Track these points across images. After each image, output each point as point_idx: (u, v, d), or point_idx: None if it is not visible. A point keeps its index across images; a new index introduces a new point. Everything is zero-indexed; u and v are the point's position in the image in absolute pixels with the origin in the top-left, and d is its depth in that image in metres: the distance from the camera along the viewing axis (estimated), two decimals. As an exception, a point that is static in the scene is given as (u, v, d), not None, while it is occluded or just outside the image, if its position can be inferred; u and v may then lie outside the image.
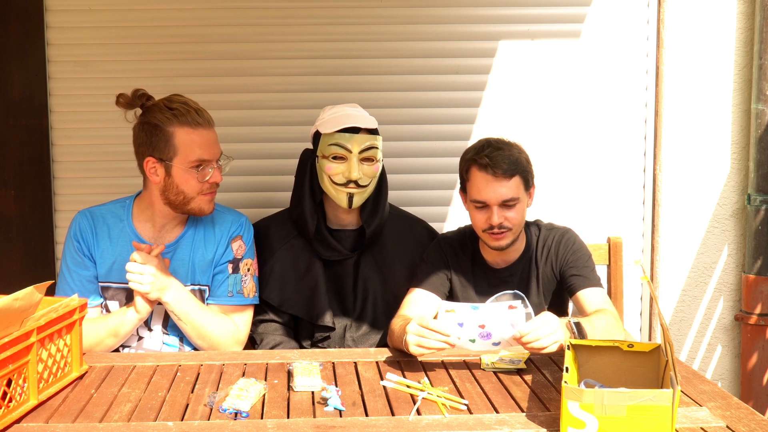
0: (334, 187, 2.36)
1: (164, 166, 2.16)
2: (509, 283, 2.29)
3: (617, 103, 3.06)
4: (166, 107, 2.17)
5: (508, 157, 2.16)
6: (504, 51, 3.02)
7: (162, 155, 2.16)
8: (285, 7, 2.94)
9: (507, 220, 2.16)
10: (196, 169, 2.17)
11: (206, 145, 2.17)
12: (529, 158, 2.23)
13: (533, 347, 1.85)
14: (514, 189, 2.16)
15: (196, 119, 2.16)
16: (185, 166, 2.16)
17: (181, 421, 1.61)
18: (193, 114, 2.16)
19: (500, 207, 2.16)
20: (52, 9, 2.89)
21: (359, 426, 1.58)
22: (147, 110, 2.21)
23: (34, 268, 2.92)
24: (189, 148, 2.15)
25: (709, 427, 1.57)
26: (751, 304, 3.05)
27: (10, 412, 1.57)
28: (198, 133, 2.16)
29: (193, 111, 2.17)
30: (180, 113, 2.15)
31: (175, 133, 2.14)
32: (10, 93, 2.89)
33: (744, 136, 3.09)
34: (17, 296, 1.56)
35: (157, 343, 2.27)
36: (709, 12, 3.04)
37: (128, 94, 2.21)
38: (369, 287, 2.45)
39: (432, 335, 1.88)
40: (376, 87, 2.99)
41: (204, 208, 2.23)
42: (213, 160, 2.19)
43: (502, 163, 2.14)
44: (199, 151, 2.16)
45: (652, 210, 3.06)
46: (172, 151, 2.15)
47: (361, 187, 2.35)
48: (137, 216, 2.28)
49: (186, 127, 2.15)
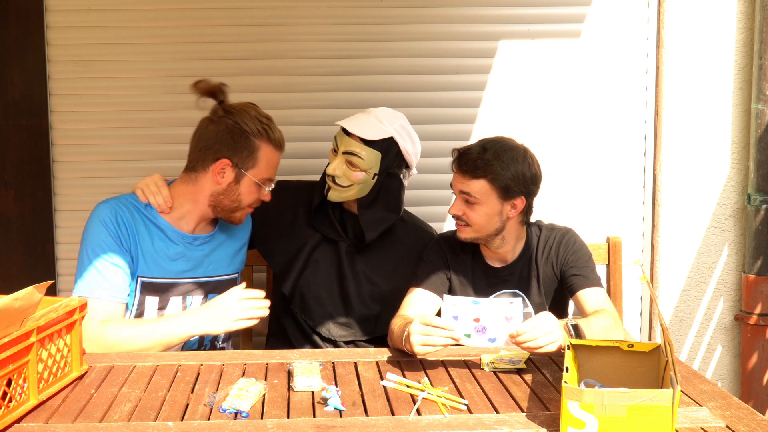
0: (326, 175, 2.44)
1: (236, 173, 2.22)
2: (508, 282, 2.30)
3: (617, 103, 3.06)
4: (257, 119, 2.23)
5: (480, 161, 2.18)
6: (504, 51, 3.02)
7: (240, 162, 2.21)
8: (285, 7, 2.94)
9: (465, 214, 2.22)
10: (262, 185, 2.26)
11: (276, 167, 2.30)
12: (523, 171, 2.20)
13: (529, 347, 1.85)
14: (474, 189, 2.20)
15: (280, 142, 2.27)
16: (257, 179, 2.24)
17: (181, 421, 1.61)
18: (279, 136, 2.27)
19: (461, 200, 2.23)
20: (52, 9, 2.89)
21: (359, 426, 1.58)
22: (235, 113, 2.23)
23: (34, 268, 2.92)
24: (267, 166, 2.25)
25: (709, 427, 1.57)
26: (751, 304, 3.05)
27: (10, 412, 1.57)
28: (277, 155, 2.28)
29: (279, 132, 2.26)
30: (270, 130, 2.24)
31: (262, 148, 2.23)
32: (10, 93, 2.89)
33: (744, 136, 3.09)
34: (17, 296, 1.56)
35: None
36: (709, 12, 3.04)
37: (210, 82, 2.25)
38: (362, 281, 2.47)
39: (437, 332, 1.87)
40: (376, 87, 2.99)
41: (242, 218, 2.32)
42: (274, 180, 2.31)
43: (465, 164, 2.21)
44: (272, 171, 2.28)
45: (652, 210, 3.06)
46: (252, 162, 2.22)
47: (338, 185, 2.40)
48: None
49: (272, 146, 2.25)
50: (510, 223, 2.25)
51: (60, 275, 2.96)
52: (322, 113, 2.98)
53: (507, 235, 2.26)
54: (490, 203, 2.20)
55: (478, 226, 2.22)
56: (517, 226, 2.28)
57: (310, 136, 2.98)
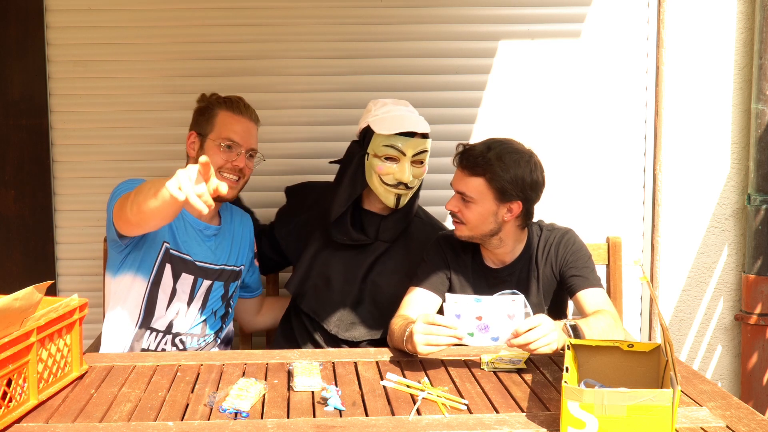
0: (383, 187, 2.40)
1: (200, 141, 2.34)
2: (508, 282, 2.30)
3: (617, 103, 3.06)
4: (223, 97, 2.39)
5: (482, 160, 2.18)
6: (504, 51, 3.02)
7: (201, 130, 2.35)
8: (285, 7, 2.94)
9: (460, 212, 2.23)
10: (223, 147, 2.31)
11: (240, 131, 2.34)
12: (523, 176, 2.19)
13: (528, 349, 1.85)
14: (471, 188, 2.20)
15: (241, 108, 2.36)
16: (215, 141, 2.31)
17: (181, 421, 1.62)
18: (240, 104, 2.37)
19: (458, 197, 2.24)
20: (52, 9, 2.89)
21: (359, 426, 1.58)
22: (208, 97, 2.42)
23: (34, 268, 2.92)
24: (223, 127, 2.33)
25: (709, 427, 1.57)
26: (751, 304, 3.05)
27: (10, 412, 1.57)
28: (237, 119, 2.34)
29: (243, 104, 2.38)
30: (229, 100, 2.37)
31: (218, 114, 2.34)
32: (10, 93, 2.89)
33: (744, 136, 3.09)
34: (17, 296, 1.56)
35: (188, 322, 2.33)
36: (709, 12, 3.03)
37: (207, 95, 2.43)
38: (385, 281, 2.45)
39: (441, 331, 1.87)
40: (376, 87, 2.99)
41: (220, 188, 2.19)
42: (243, 146, 2.33)
43: (465, 160, 2.22)
44: (232, 132, 2.32)
45: (652, 210, 3.06)
46: (210, 127, 2.33)
47: (409, 189, 2.41)
48: None
49: (229, 110, 2.35)
50: (507, 226, 2.24)
51: (60, 275, 2.96)
52: (322, 113, 2.98)
53: (504, 237, 2.26)
54: (486, 203, 2.20)
55: (472, 224, 2.23)
56: (515, 230, 2.27)
57: (310, 137, 2.98)
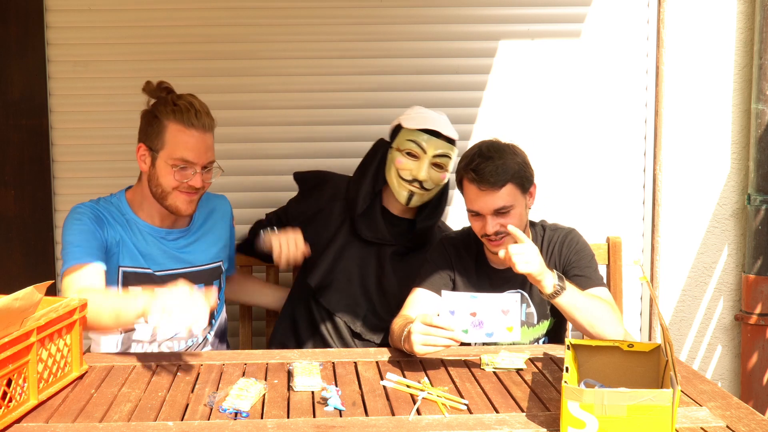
0: (398, 181, 2.39)
1: (151, 156, 2.18)
2: (512, 282, 2.29)
3: (617, 103, 3.06)
4: (171, 101, 2.18)
5: (498, 167, 2.14)
6: (504, 51, 3.02)
7: (152, 144, 2.18)
8: (285, 7, 2.94)
9: (503, 227, 2.15)
10: (176, 168, 2.16)
11: (194, 148, 2.16)
12: (525, 160, 2.21)
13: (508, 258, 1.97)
14: (505, 197, 2.15)
15: (192, 120, 2.15)
16: (168, 161, 2.16)
17: (181, 421, 1.62)
18: (191, 114, 2.15)
19: (494, 216, 2.16)
20: (52, 9, 2.89)
21: (359, 426, 1.58)
22: (156, 101, 2.22)
23: (34, 268, 2.92)
24: (175, 145, 2.15)
25: (709, 427, 1.57)
26: (751, 304, 3.05)
27: (10, 412, 1.57)
28: (189, 133, 2.15)
29: (194, 111, 2.15)
30: (179, 110, 2.15)
31: (168, 127, 2.15)
32: (10, 93, 2.89)
33: (744, 136, 3.09)
34: (17, 296, 1.56)
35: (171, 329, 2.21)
36: (709, 12, 3.04)
37: (154, 84, 2.23)
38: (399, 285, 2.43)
39: (438, 332, 1.87)
40: (376, 87, 2.99)
41: (180, 206, 2.21)
42: (197, 164, 2.17)
43: (489, 177, 2.12)
44: (184, 151, 2.15)
45: (652, 210, 3.06)
46: (161, 143, 2.16)
47: (423, 189, 2.39)
48: (135, 209, 2.26)
49: (180, 124, 2.15)
50: (527, 215, 2.26)
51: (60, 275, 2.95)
52: (322, 113, 2.98)
53: (525, 230, 2.26)
54: (519, 203, 2.19)
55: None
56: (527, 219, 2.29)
57: (310, 137, 2.98)
